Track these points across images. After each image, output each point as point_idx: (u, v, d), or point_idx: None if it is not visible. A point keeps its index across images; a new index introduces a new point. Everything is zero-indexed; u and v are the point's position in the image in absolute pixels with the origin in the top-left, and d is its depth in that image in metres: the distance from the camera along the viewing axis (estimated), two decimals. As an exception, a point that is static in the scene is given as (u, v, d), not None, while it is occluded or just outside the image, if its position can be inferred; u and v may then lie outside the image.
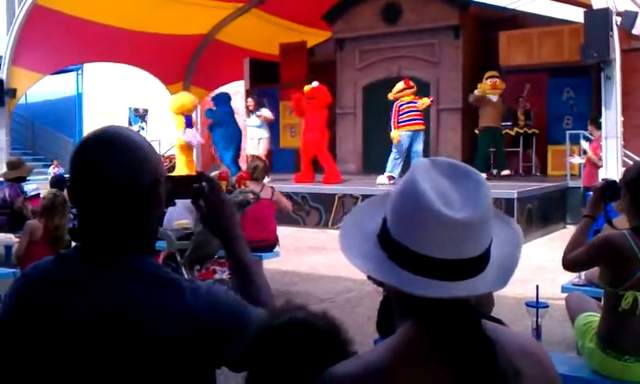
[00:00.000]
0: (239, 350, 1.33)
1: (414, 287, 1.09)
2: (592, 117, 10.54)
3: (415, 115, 11.82)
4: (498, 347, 1.08)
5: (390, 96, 12.12)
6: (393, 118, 11.90)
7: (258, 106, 13.57)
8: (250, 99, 13.97)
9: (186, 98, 13.54)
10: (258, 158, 7.91)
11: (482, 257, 1.11)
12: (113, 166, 1.29)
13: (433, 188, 1.10)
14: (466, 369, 1.05)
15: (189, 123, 13.16)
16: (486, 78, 12.87)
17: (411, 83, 12.13)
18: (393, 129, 11.85)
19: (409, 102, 11.84)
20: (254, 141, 13.61)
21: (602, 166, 9.38)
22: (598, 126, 9.54)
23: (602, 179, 3.30)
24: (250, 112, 13.70)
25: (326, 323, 1.39)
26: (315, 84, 12.71)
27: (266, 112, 13.51)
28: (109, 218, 1.31)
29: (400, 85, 12.05)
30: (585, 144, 10.19)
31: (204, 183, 1.56)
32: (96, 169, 1.29)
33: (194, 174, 1.50)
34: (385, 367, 1.08)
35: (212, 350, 1.30)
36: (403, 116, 11.76)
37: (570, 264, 3.21)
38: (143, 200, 1.33)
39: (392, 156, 11.96)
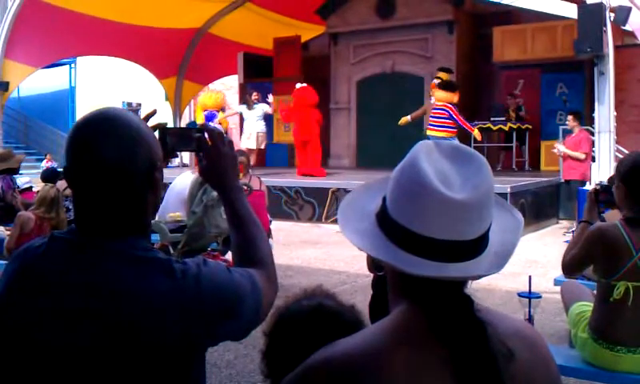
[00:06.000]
0: (230, 327, 1.33)
1: (408, 266, 1.08)
2: (574, 111, 10.50)
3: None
4: (491, 329, 1.07)
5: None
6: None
7: (258, 99, 13.39)
8: (254, 92, 13.61)
9: (208, 96, 15.35)
10: (241, 152, 7.75)
11: (479, 240, 1.10)
12: (109, 148, 1.28)
13: (433, 168, 1.09)
14: (459, 349, 1.05)
15: (208, 118, 14.31)
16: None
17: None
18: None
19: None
20: (252, 134, 13.36)
21: (583, 159, 9.48)
22: (580, 122, 9.65)
23: (596, 184, 3.29)
24: (252, 104, 13.42)
25: (352, 314, 1.41)
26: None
27: (265, 106, 13.36)
28: (103, 200, 1.29)
29: None
30: (559, 145, 10.23)
31: (205, 134, 1.53)
32: (92, 149, 1.28)
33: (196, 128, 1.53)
34: (382, 347, 1.07)
35: (201, 331, 1.28)
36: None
37: (568, 265, 3.17)
38: (139, 183, 1.32)
39: None
